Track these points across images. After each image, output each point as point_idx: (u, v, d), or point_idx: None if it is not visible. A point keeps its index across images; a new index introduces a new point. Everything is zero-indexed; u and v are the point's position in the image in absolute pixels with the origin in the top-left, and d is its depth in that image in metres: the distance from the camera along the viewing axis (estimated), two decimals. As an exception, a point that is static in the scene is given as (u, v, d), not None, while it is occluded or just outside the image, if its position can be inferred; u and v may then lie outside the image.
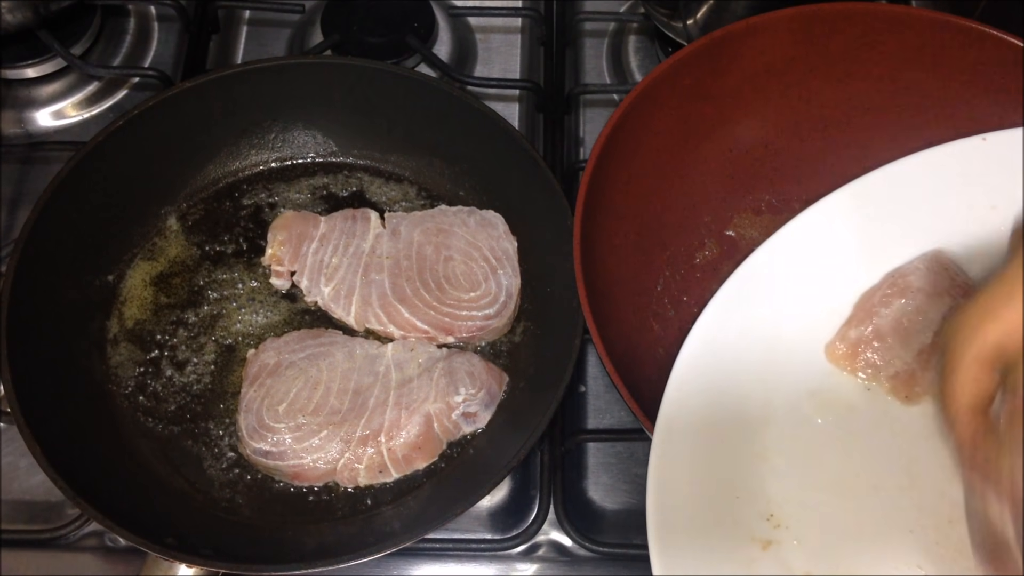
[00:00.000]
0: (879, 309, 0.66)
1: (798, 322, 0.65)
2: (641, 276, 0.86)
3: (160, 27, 1.10)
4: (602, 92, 1.05)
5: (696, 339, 0.64)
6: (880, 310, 0.65)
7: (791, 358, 0.65)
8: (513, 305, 0.87)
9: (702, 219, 0.90)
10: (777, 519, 0.60)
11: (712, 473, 0.61)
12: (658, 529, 0.58)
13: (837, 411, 0.63)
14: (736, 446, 0.62)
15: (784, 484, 0.61)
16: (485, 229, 0.90)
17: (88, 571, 0.82)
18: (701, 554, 0.58)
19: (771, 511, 0.60)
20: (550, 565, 0.84)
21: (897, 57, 0.81)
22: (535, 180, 0.86)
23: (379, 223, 0.91)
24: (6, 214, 0.98)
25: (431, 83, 0.92)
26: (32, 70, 1.03)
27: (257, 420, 0.81)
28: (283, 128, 0.95)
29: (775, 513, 0.60)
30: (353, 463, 0.80)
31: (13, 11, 0.96)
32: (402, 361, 0.84)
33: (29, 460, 0.76)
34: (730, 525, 0.60)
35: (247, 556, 0.74)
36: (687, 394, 0.62)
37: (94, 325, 0.87)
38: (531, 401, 0.82)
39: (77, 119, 1.04)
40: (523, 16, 1.09)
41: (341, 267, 0.88)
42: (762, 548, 0.59)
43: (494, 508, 0.86)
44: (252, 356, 0.85)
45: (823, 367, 0.65)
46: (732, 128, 0.87)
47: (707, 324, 0.64)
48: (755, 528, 0.60)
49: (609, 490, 0.87)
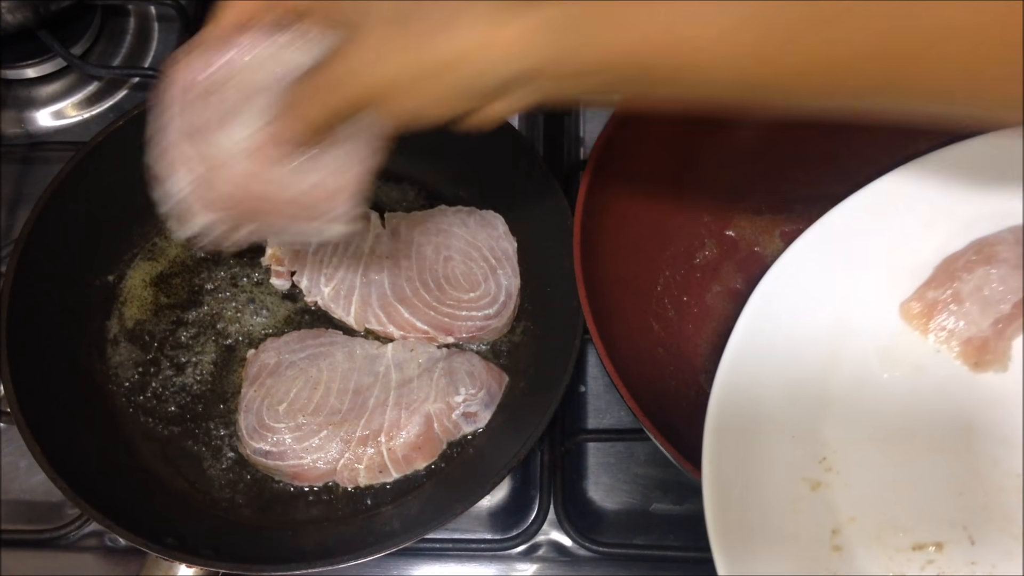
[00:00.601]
0: (962, 274, 0.65)
1: (874, 278, 0.65)
2: (641, 276, 0.86)
3: (160, 27, 1.10)
4: (602, 92, 1.05)
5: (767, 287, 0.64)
6: (963, 275, 0.65)
7: (864, 312, 0.65)
8: (513, 305, 0.87)
9: (702, 219, 0.90)
10: (829, 463, 0.61)
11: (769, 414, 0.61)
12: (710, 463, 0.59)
13: (904, 369, 0.64)
14: (797, 390, 0.62)
15: (841, 431, 0.62)
16: (485, 229, 0.90)
17: (88, 571, 0.82)
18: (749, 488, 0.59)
19: (824, 454, 0.61)
20: (550, 565, 0.84)
21: (897, 57, 0.81)
22: (535, 180, 0.86)
23: (379, 223, 0.91)
24: (6, 214, 0.98)
25: (431, 83, 0.91)
26: (32, 70, 1.03)
27: (257, 420, 0.81)
28: (283, 128, 0.95)
29: (828, 456, 0.61)
30: (353, 463, 0.80)
31: (13, 11, 0.96)
32: (402, 361, 0.84)
33: (29, 460, 0.76)
34: (782, 463, 0.60)
35: (247, 556, 0.74)
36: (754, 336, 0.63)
37: (94, 325, 0.87)
38: (531, 401, 0.82)
39: (77, 119, 1.04)
40: (523, 16, 1.08)
41: (341, 267, 0.88)
42: (811, 488, 0.60)
43: (494, 508, 0.86)
44: (252, 356, 0.86)
45: (895, 325, 0.65)
46: (733, 128, 0.87)
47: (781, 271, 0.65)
48: (807, 468, 0.61)
49: (609, 490, 0.87)
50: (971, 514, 0.59)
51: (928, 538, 0.59)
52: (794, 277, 0.65)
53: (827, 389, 0.63)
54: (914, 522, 0.59)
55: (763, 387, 0.62)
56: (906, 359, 0.64)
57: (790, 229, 0.91)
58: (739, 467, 0.59)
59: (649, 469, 0.87)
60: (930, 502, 0.60)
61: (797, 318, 0.64)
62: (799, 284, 0.65)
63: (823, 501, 0.60)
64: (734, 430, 0.60)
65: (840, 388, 0.63)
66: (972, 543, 0.58)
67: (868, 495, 0.60)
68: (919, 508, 0.60)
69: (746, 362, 0.62)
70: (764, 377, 0.62)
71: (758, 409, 0.61)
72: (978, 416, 0.62)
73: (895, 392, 0.63)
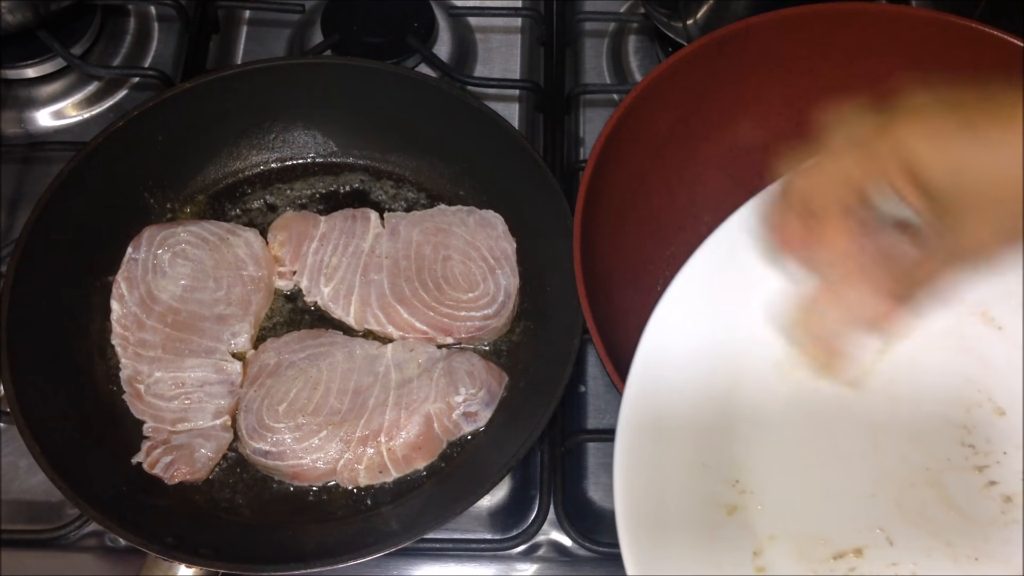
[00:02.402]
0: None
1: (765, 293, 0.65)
2: (641, 276, 0.86)
3: (160, 27, 1.10)
4: (602, 92, 1.05)
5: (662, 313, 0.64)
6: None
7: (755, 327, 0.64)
8: (512, 305, 0.87)
9: (702, 219, 0.90)
10: (743, 484, 0.61)
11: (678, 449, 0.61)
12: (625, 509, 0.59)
13: (800, 378, 0.63)
14: (703, 414, 0.62)
15: (750, 450, 0.62)
16: (484, 229, 0.90)
17: (88, 571, 0.82)
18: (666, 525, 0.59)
19: (737, 476, 0.61)
20: (550, 565, 0.84)
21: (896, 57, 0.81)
22: (535, 180, 0.86)
23: (379, 223, 0.91)
24: (6, 214, 0.98)
25: (431, 83, 0.92)
26: (32, 70, 1.03)
27: (257, 420, 0.81)
28: (283, 128, 0.95)
29: (741, 479, 0.61)
30: (353, 463, 0.80)
31: (13, 11, 0.96)
32: (402, 361, 0.84)
33: (29, 460, 0.76)
34: (697, 492, 0.60)
35: (247, 556, 0.74)
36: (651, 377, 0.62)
37: (94, 326, 0.86)
38: (531, 401, 0.82)
39: (77, 119, 1.04)
40: (523, 16, 1.09)
41: (341, 267, 0.88)
42: (727, 513, 0.60)
43: (494, 508, 0.86)
44: (252, 356, 0.86)
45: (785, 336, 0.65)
46: (732, 128, 0.87)
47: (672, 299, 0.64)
48: (721, 494, 0.60)
49: (609, 490, 0.86)
50: (886, 515, 0.59)
51: (847, 545, 0.58)
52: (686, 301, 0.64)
53: (732, 409, 0.63)
54: (831, 531, 0.59)
55: (669, 417, 0.61)
56: (800, 368, 0.63)
57: (790, 229, 0.91)
58: (654, 501, 0.59)
59: (649, 469, 0.87)
60: (844, 508, 0.60)
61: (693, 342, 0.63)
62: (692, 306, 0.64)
63: (741, 524, 0.60)
64: (645, 465, 0.60)
65: (744, 407, 0.63)
66: (891, 544, 0.58)
67: (784, 511, 0.60)
68: (835, 516, 0.59)
69: (648, 396, 0.61)
70: (669, 407, 0.61)
71: (666, 440, 0.61)
72: (879, 415, 0.62)
73: (796, 403, 0.63)
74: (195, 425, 0.82)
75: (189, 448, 0.80)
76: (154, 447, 0.81)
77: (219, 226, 0.90)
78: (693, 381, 0.63)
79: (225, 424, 0.83)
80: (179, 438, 0.81)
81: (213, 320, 0.86)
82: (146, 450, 0.81)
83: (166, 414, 0.82)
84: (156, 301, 0.86)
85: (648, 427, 0.61)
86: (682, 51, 0.80)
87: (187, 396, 0.83)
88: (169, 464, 0.79)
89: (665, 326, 0.63)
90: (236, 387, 0.84)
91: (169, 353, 0.84)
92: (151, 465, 0.80)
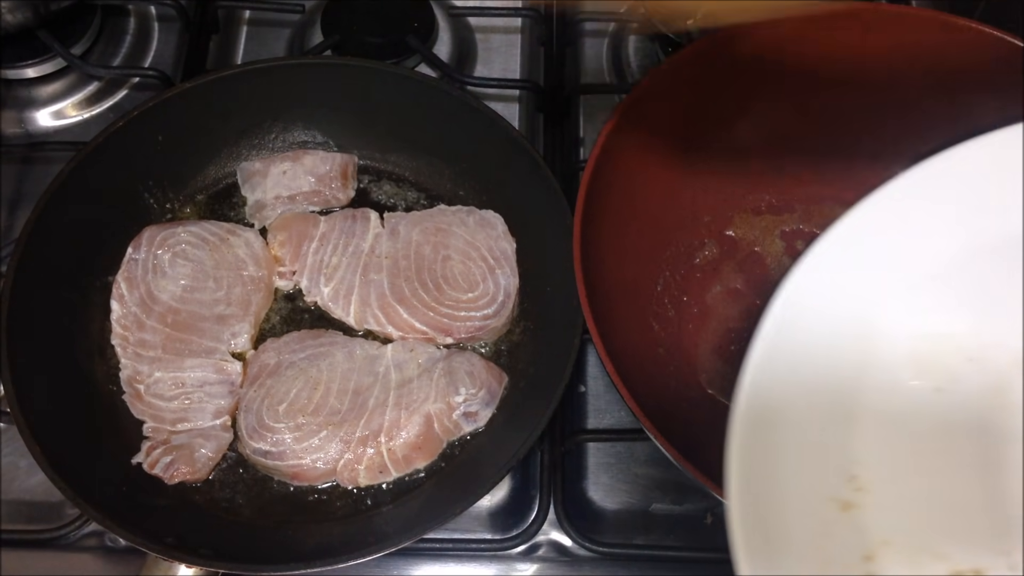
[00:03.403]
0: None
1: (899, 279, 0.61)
2: (641, 276, 0.86)
3: (160, 27, 1.10)
4: (602, 92, 1.05)
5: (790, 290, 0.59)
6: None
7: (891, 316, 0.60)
8: (511, 305, 0.87)
9: (702, 219, 0.90)
10: (860, 481, 0.57)
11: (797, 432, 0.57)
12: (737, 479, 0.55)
13: (935, 377, 0.59)
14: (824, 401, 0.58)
15: (872, 446, 0.57)
16: (484, 229, 0.90)
17: (88, 571, 0.82)
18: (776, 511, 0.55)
19: (855, 472, 0.57)
20: (550, 565, 0.84)
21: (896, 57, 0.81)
22: (535, 180, 0.86)
23: (378, 223, 0.91)
24: (6, 214, 0.98)
25: (431, 83, 0.92)
26: (32, 70, 1.03)
27: (257, 420, 0.81)
28: (283, 128, 0.95)
29: (859, 475, 0.57)
30: (353, 463, 0.80)
31: (13, 11, 0.96)
32: (402, 361, 0.84)
33: (29, 460, 0.76)
34: (810, 483, 0.56)
35: (247, 556, 0.74)
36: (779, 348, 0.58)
37: (94, 326, 0.86)
38: (531, 401, 0.82)
39: (77, 119, 1.04)
40: (523, 16, 1.09)
41: (340, 267, 0.88)
42: (841, 509, 0.56)
43: (494, 508, 0.86)
44: (252, 356, 0.86)
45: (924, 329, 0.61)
46: (732, 128, 0.87)
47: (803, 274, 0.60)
48: (836, 488, 0.57)
49: (609, 490, 0.87)
50: (1012, 538, 0.55)
51: (966, 566, 0.54)
52: (817, 279, 0.60)
53: (856, 400, 0.59)
54: (951, 547, 0.55)
55: (789, 400, 0.57)
56: (937, 366, 0.60)
57: (790, 229, 0.91)
58: (765, 488, 0.55)
59: (649, 469, 0.87)
60: (967, 524, 0.56)
61: (822, 323, 0.59)
62: (822, 286, 0.60)
63: (854, 524, 0.56)
64: (759, 448, 0.56)
65: (870, 399, 0.59)
66: (1012, 571, 0.54)
67: (901, 517, 0.56)
68: (956, 531, 0.56)
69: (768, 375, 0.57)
70: (789, 389, 0.57)
71: (784, 424, 0.57)
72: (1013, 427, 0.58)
73: (927, 402, 0.59)
74: (195, 425, 0.82)
75: (189, 448, 0.80)
76: (154, 447, 0.81)
77: (219, 226, 0.90)
78: (822, 358, 0.58)
79: (225, 424, 0.83)
80: (179, 438, 0.81)
81: (213, 320, 0.86)
82: (146, 450, 0.81)
83: (166, 414, 0.82)
84: (156, 301, 0.86)
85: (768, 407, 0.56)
86: (682, 51, 0.80)
87: (187, 396, 0.83)
88: (169, 464, 0.79)
89: (801, 292, 0.58)
90: (236, 387, 0.84)
91: (169, 353, 0.84)
92: (151, 465, 0.80)
